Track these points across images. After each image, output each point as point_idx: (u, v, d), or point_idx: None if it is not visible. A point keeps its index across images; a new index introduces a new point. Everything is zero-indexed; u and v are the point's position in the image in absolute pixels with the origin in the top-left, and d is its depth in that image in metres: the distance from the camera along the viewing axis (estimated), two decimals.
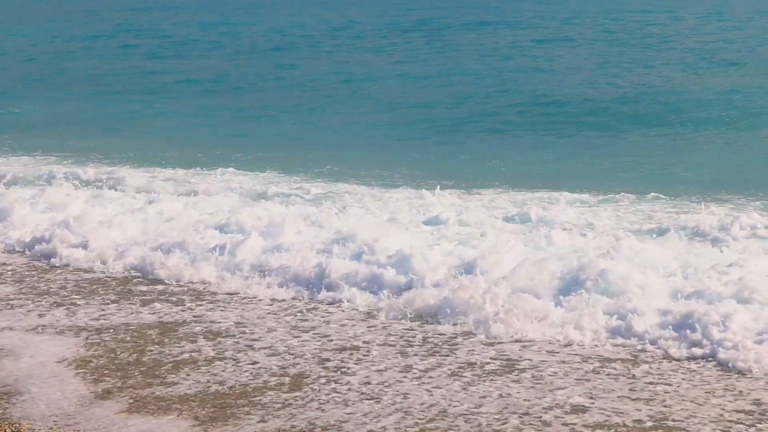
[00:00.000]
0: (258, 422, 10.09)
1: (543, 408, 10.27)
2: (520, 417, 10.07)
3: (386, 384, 11.05)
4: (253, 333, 12.96)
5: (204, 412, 10.36)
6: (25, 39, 53.45)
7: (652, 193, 19.94)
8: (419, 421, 10.05)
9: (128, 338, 12.84)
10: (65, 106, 35.83)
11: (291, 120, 31.28)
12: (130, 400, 10.65)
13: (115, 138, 29.34)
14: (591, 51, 40.81)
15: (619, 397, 10.53)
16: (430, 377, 11.26)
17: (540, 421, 10.00)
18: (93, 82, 40.30)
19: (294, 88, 36.93)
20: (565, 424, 9.87)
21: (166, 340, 12.76)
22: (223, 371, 11.53)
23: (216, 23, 56.87)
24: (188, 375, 11.40)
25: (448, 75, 37.36)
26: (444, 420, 10.05)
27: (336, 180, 22.69)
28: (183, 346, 12.45)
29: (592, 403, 10.36)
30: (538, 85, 34.31)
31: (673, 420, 9.94)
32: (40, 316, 13.86)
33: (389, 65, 40.56)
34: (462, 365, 11.60)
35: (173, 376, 11.38)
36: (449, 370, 11.48)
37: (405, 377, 11.25)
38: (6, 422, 9.64)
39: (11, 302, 14.50)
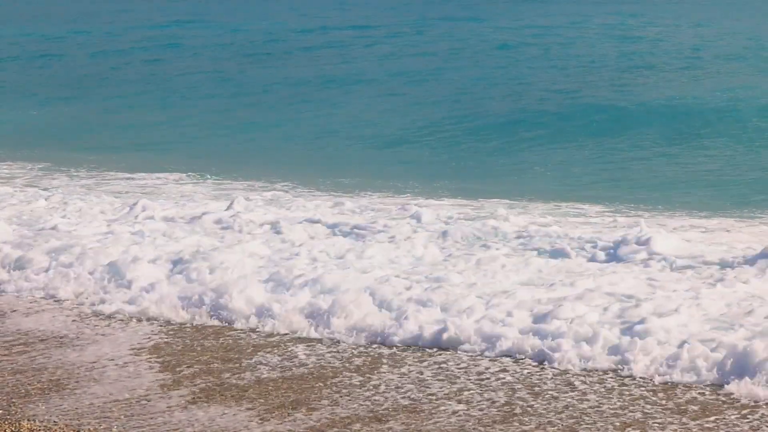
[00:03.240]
0: (329, 406, 9.68)
1: None
2: None
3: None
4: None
5: (273, 397, 9.92)
6: (36, 38, 52.90)
7: None
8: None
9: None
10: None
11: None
12: (200, 389, 10.15)
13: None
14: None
15: None
16: None
17: None
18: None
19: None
20: None
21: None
22: (298, 354, 11.15)
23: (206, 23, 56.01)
24: (263, 359, 10.99)
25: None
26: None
27: None
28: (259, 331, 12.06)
29: None
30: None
31: None
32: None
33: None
34: None
35: (248, 360, 10.96)
36: None
37: None
38: (6, 422, 9.17)
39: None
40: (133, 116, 31.49)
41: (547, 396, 9.67)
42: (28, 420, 9.24)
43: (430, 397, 9.75)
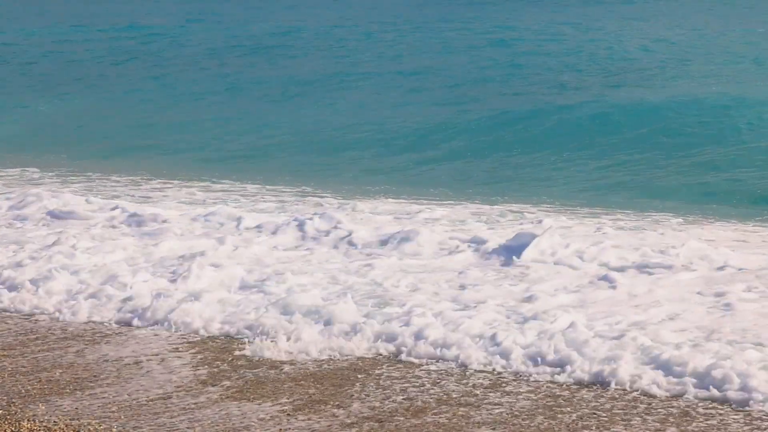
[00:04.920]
0: (360, 401, 9.58)
1: None
2: None
3: None
4: None
5: (307, 390, 9.85)
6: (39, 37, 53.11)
7: None
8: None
9: None
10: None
11: None
12: (235, 385, 10.04)
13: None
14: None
15: None
16: None
17: None
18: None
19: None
20: None
21: None
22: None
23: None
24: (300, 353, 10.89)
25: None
26: None
27: None
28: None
29: None
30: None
31: None
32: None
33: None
34: None
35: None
36: None
37: None
38: (6, 422, 9.14)
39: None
40: (134, 116, 31.66)
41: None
42: (28, 420, 9.20)
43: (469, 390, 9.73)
